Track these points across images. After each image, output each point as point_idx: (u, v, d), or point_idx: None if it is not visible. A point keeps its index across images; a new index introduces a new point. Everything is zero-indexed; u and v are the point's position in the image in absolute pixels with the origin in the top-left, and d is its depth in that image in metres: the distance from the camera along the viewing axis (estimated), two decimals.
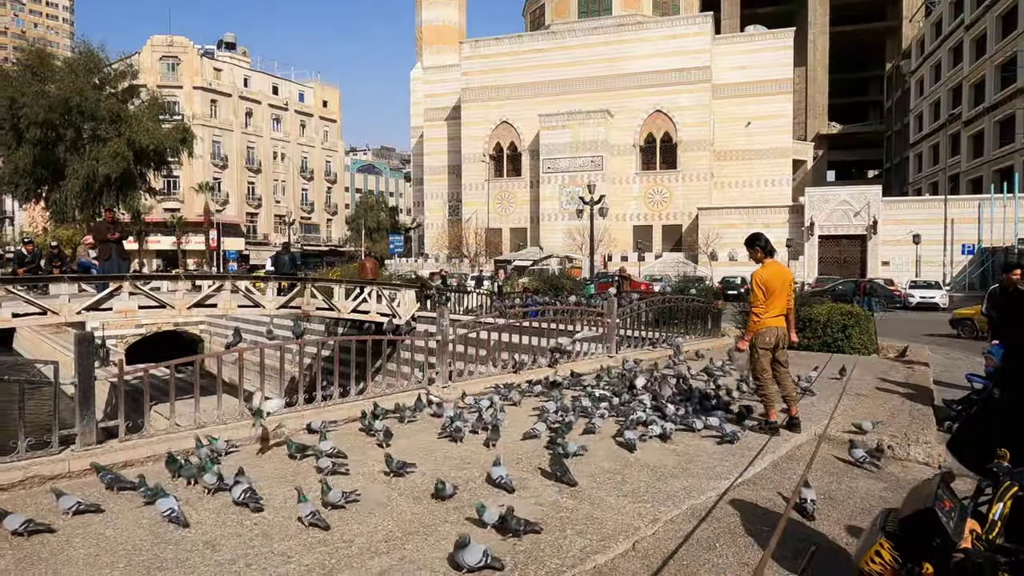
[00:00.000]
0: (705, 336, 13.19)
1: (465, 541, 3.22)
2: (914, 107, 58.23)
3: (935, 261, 40.47)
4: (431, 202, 64.03)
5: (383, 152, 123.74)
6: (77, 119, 31.09)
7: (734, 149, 54.01)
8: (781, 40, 53.41)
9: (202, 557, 3.49)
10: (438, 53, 66.92)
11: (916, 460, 5.57)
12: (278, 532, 3.81)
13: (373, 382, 7.51)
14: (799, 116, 65.33)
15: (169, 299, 14.23)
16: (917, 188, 56.19)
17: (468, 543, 3.22)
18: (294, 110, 71.51)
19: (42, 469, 4.70)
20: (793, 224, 45.36)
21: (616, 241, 50.64)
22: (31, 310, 12.41)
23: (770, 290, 5.98)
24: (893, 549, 2.31)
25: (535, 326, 10.77)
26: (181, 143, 35.24)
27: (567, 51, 55.02)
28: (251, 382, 9.62)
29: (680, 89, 51.97)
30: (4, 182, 33.00)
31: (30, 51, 33.09)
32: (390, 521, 3.97)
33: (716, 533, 3.91)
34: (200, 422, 5.92)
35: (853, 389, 8.09)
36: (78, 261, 18.06)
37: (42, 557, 3.51)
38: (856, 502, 4.51)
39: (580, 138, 51.75)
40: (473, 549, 3.22)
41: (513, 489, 4.45)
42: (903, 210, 43.04)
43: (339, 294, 16.69)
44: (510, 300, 18.86)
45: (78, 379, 5.20)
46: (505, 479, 4.49)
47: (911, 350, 12.31)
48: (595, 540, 3.71)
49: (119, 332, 27.83)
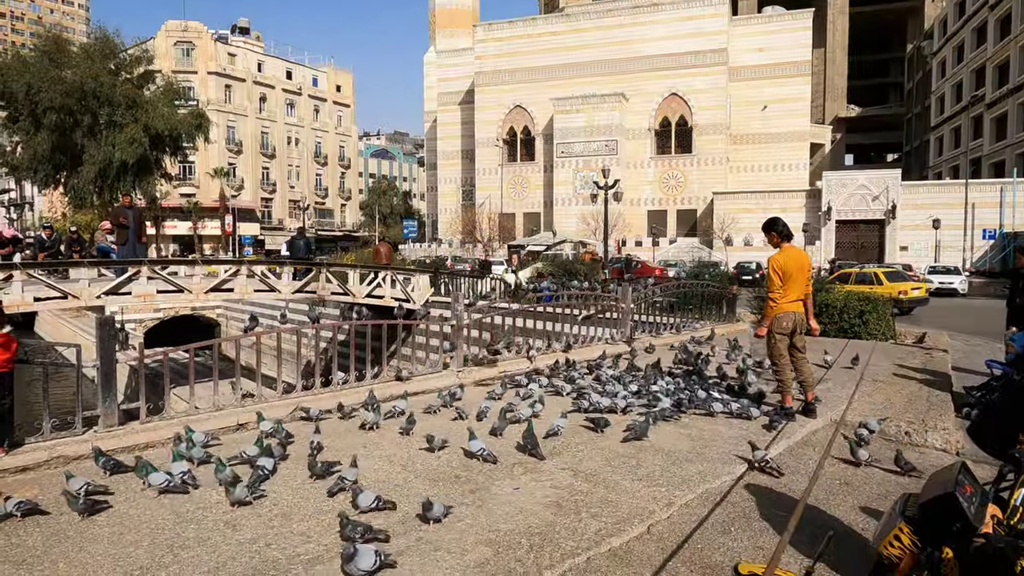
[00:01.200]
0: (720, 321, 13.13)
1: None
2: (936, 89, 57.09)
3: (955, 246, 39.88)
4: (444, 187, 63.96)
5: (396, 137, 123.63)
6: (93, 104, 31.26)
7: (750, 133, 53.35)
8: (800, 21, 52.48)
9: (223, 536, 3.56)
10: (451, 37, 66.49)
11: (933, 446, 5.53)
12: (297, 513, 3.87)
13: (388, 366, 7.56)
14: (817, 99, 64.28)
15: (187, 284, 14.38)
16: (938, 172, 55.25)
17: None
18: (308, 95, 71.46)
19: (66, 449, 4.80)
20: (810, 208, 44.85)
21: (630, 226, 50.37)
22: (52, 294, 12.60)
23: (787, 275, 5.93)
24: (912, 534, 2.31)
25: (549, 311, 10.77)
26: (197, 128, 35.37)
27: (581, 34, 54.45)
28: (267, 366, 9.71)
29: (696, 72, 51.32)
30: (23, 168, 33.37)
31: (47, 37, 33.22)
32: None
33: (731, 517, 3.92)
34: (219, 404, 6.01)
35: (870, 375, 8.03)
36: (97, 246, 18.26)
37: (68, 535, 3.59)
38: (872, 488, 4.49)
39: (594, 122, 51.34)
40: None
41: (495, 460, 4.74)
42: (923, 194, 42.38)
43: (354, 279, 16.78)
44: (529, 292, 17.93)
45: (100, 362, 5.28)
46: (486, 451, 4.75)
47: (929, 336, 12.18)
48: (610, 523, 3.73)
49: (138, 316, 28.22)
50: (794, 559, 3.38)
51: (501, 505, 3.99)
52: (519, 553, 3.35)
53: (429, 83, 67.43)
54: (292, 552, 3.36)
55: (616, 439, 5.36)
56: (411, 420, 5.52)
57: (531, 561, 3.27)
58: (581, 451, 5.11)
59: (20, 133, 32.25)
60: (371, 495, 3.80)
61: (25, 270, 12.32)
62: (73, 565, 3.25)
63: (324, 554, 3.34)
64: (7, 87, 30.12)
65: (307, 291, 16.21)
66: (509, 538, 3.53)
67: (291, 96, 69.71)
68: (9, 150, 35.08)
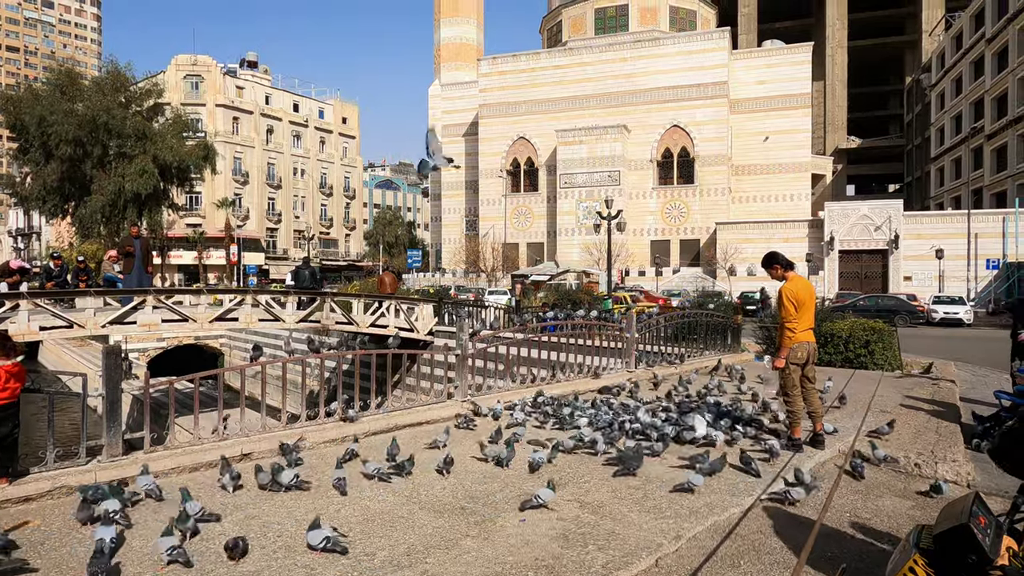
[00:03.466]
0: (724, 351, 13.08)
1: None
2: (935, 121, 57.64)
3: (959, 276, 39.83)
4: (448, 217, 64.35)
5: (401, 168, 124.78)
6: (104, 136, 31.75)
7: (752, 163, 53.74)
8: (799, 55, 53.24)
9: (228, 569, 3.51)
10: (456, 70, 67.56)
11: (944, 478, 5.46)
12: (300, 545, 3.83)
13: (393, 396, 7.54)
14: (818, 130, 64.92)
15: (191, 313, 14.41)
16: (939, 202, 55.47)
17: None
18: (314, 127, 72.45)
19: (69, 479, 4.76)
20: (812, 239, 44.95)
21: (633, 256, 50.49)
22: (58, 323, 12.62)
23: (800, 303, 5.92)
24: (927, 565, 2.27)
25: (553, 340, 10.75)
26: (203, 159, 35.84)
27: (584, 67, 55.29)
28: (271, 396, 9.69)
29: (697, 104, 51.93)
30: (33, 198, 33.76)
31: (59, 71, 33.89)
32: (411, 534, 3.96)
33: (740, 550, 3.86)
34: (223, 435, 5.98)
35: (877, 406, 7.96)
36: (104, 275, 18.35)
37: (70, 566, 3.55)
38: (883, 520, 4.43)
39: (597, 153, 51.83)
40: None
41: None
42: (925, 224, 42.48)
43: (358, 308, 16.79)
44: (530, 314, 18.81)
45: (105, 391, 5.28)
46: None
47: (936, 366, 12.11)
48: (617, 556, 3.68)
49: (141, 345, 28.22)
50: None
51: (507, 537, 3.94)
52: None
53: (434, 115, 68.30)
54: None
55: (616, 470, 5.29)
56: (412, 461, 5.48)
57: None
58: (587, 482, 5.06)
59: (30, 164, 32.72)
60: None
61: (32, 299, 12.37)
62: None
63: None
64: (19, 119, 30.65)
65: (311, 320, 16.22)
66: (515, 570, 3.48)
67: (297, 128, 70.66)
68: (19, 180, 35.52)
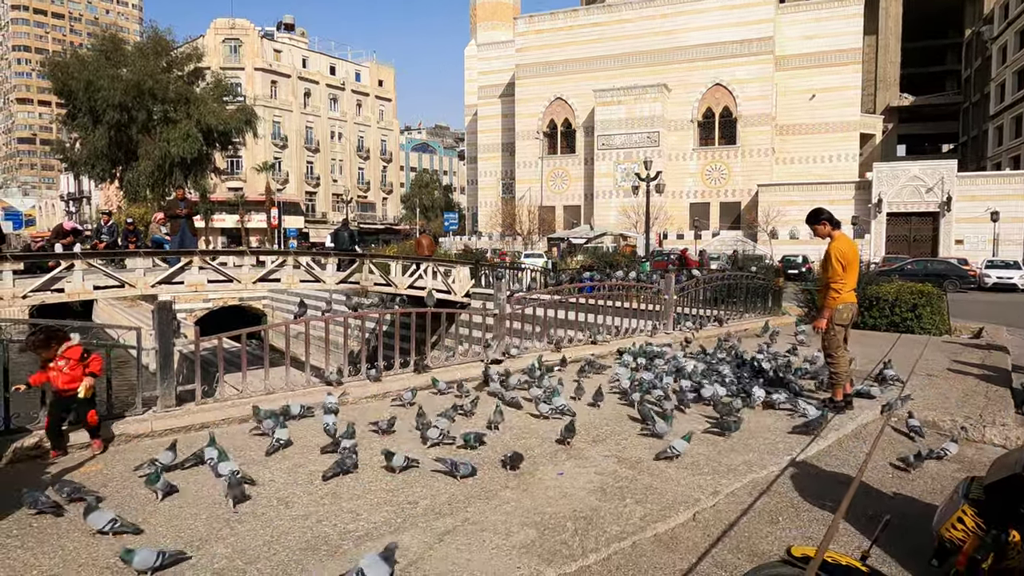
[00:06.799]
0: (765, 315, 12.88)
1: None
2: (996, 76, 54.56)
3: (1015, 240, 38.17)
4: (485, 180, 64.12)
5: (437, 131, 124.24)
6: (148, 102, 32.29)
7: (797, 123, 51.95)
8: (850, 7, 50.75)
9: (277, 512, 3.67)
10: (492, 30, 66.40)
11: (992, 442, 5.35)
12: (346, 492, 3.97)
13: (432, 354, 7.66)
14: (868, 87, 62.12)
15: (235, 274, 14.77)
16: (996, 162, 52.89)
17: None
18: (350, 90, 72.40)
19: (128, 428, 5.01)
20: (859, 201, 43.51)
21: (672, 219, 49.68)
22: (110, 283, 13.09)
23: (848, 262, 5.79)
24: (976, 516, 2.25)
25: (590, 303, 10.71)
26: (246, 124, 36.25)
27: (623, 24, 53.78)
28: (314, 355, 9.95)
29: (741, 61, 50.20)
30: (82, 163, 34.69)
31: (104, 36, 34.40)
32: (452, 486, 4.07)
33: (779, 507, 3.87)
34: (270, 388, 6.19)
35: (924, 370, 7.79)
36: (152, 237, 18.89)
37: (131, 507, 3.75)
38: (927, 482, 4.38)
39: (636, 114, 50.73)
40: None
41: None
42: (980, 185, 40.68)
43: (396, 270, 16.98)
44: (567, 276, 18.81)
45: (158, 345, 5.49)
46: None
47: (987, 331, 11.73)
48: (655, 509, 3.73)
49: (188, 306, 29.08)
50: (849, 542, 3.32)
51: (545, 490, 4.02)
52: (564, 536, 3.38)
53: (470, 76, 67.56)
54: (343, 528, 3.46)
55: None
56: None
57: (576, 544, 3.29)
58: (625, 439, 5.11)
59: (79, 129, 33.52)
60: None
61: (86, 259, 12.83)
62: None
63: (373, 531, 3.42)
64: (67, 85, 31.33)
65: (350, 282, 16.47)
66: (554, 521, 3.56)
67: (334, 91, 70.73)
68: (68, 146, 36.51)
